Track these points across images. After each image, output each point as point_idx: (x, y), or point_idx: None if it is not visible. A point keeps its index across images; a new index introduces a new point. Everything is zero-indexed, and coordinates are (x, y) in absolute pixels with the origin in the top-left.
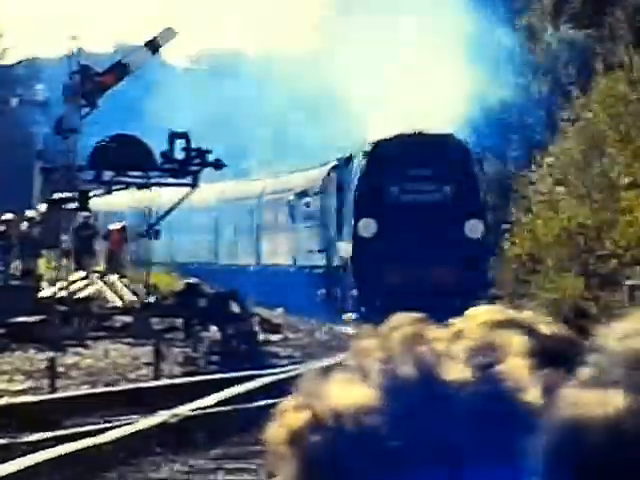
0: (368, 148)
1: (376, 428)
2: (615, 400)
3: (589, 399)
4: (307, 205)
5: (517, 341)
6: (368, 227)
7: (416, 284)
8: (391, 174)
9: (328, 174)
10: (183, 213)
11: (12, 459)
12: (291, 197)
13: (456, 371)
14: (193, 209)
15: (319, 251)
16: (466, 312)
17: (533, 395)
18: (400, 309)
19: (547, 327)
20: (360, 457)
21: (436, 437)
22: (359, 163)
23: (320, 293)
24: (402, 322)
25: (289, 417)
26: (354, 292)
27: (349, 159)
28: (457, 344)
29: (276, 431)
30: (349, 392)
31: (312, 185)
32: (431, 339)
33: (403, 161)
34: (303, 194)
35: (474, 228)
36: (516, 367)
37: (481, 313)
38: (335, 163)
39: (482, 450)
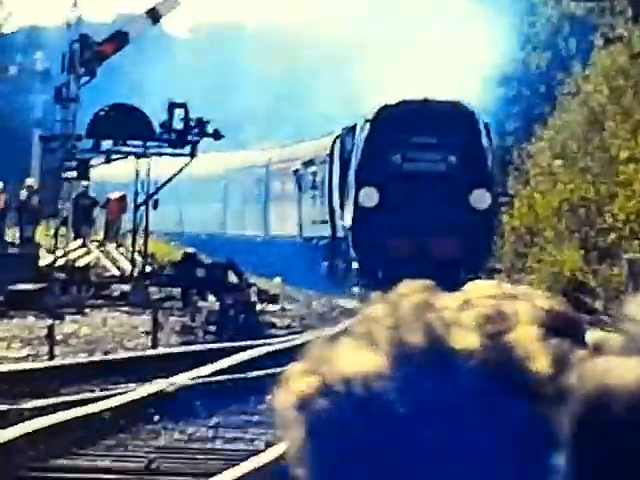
0: (371, 114)
1: (384, 394)
2: None
3: (622, 365)
4: (314, 174)
5: (525, 311)
6: (370, 196)
7: (419, 256)
8: (394, 141)
9: (334, 142)
10: (191, 183)
11: (11, 425)
12: (298, 166)
13: (465, 339)
14: (201, 179)
15: (322, 222)
16: (465, 286)
17: (542, 364)
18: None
19: (546, 302)
20: (367, 422)
21: (443, 404)
22: (362, 130)
23: (323, 265)
24: (411, 290)
25: (297, 382)
26: (355, 264)
27: (354, 128)
28: (466, 313)
29: (284, 396)
30: (358, 358)
31: (319, 154)
32: (440, 307)
33: (407, 128)
34: (310, 163)
35: (480, 198)
36: (525, 335)
37: (480, 287)
38: (342, 132)
39: (488, 418)
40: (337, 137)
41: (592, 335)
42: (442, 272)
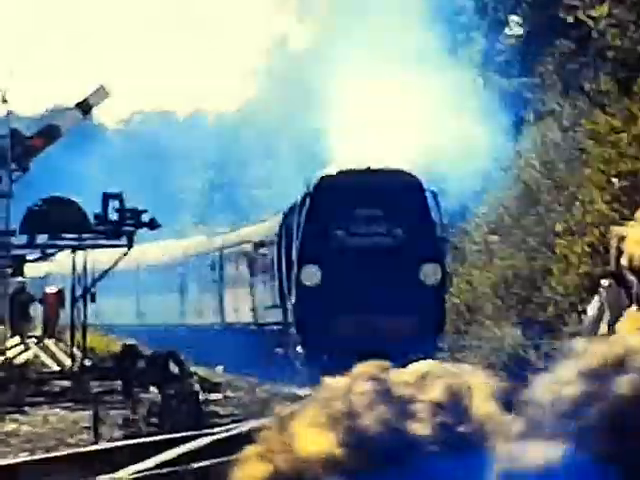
0: (311, 186)
1: (335, 476)
2: (547, 452)
3: (522, 452)
4: (264, 256)
5: (479, 388)
6: (311, 274)
7: (366, 336)
8: (337, 215)
9: (282, 221)
10: (149, 272)
11: None
12: (248, 248)
13: (418, 428)
14: (158, 268)
15: (274, 306)
16: (410, 366)
17: (502, 439)
18: (348, 366)
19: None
20: None
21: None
22: (303, 204)
23: (277, 351)
24: (364, 371)
25: (250, 468)
26: (299, 348)
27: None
28: (420, 401)
29: None
30: (312, 444)
31: (268, 234)
32: (395, 393)
33: (350, 200)
34: (260, 245)
35: (430, 273)
36: (482, 412)
37: (425, 367)
38: (289, 209)
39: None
40: (285, 215)
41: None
42: (391, 353)
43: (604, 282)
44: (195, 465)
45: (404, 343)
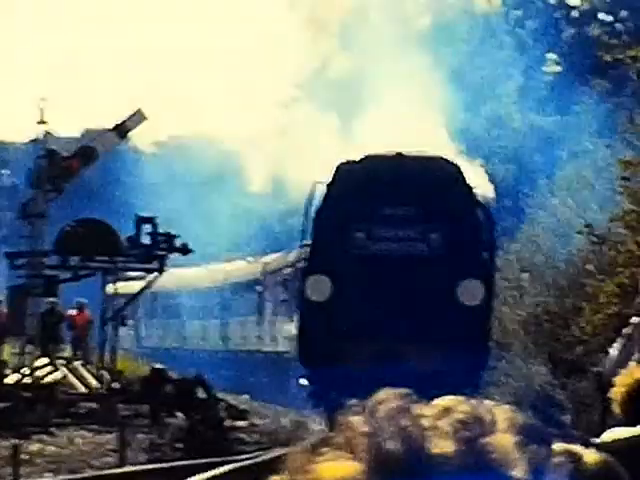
0: (329, 178)
1: None
2: None
3: None
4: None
5: (502, 417)
6: (319, 287)
7: (385, 370)
8: (356, 213)
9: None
10: (190, 296)
11: None
12: (288, 273)
13: (442, 445)
14: (201, 291)
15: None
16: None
17: (521, 470)
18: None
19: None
20: None
21: None
22: (319, 198)
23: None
24: (388, 396)
25: None
26: (303, 381)
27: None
28: (443, 420)
29: None
30: (336, 468)
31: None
32: (417, 414)
33: (375, 194)
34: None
35: (471, 291)
36: (503, 442)
37: (454, 399)
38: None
39: None
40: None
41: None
42: (417, 390)
43: (634, 319)
44: None
45: (434, 378)
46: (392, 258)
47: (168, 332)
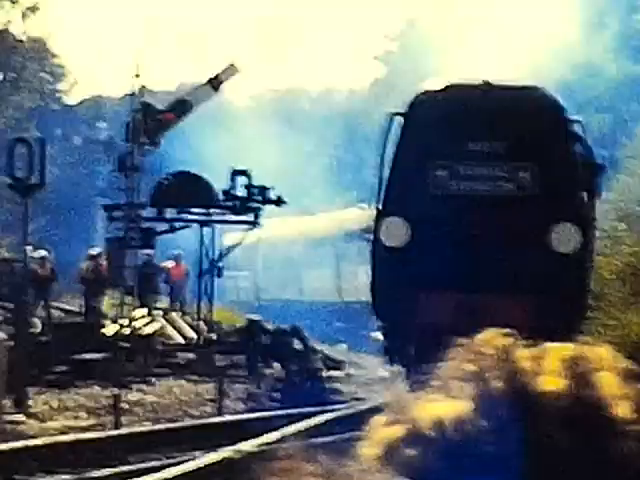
0: (406, 107)
1: (475, 438)
2: None
3: None
4: None
5: (607, 356)
6: (395, 231)
7: (469, 323)
8: (438, 148)
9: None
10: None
11: None
12: None
13: (551, 382)
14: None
15: None
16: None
17: (624, 409)
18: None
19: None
20: (458, 465)
21: (534, 445)
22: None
23: None
24: (492, 336)
25: (384, 432)
26: (376, 334)
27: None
28: (548, 359)
29: (369, 447)
30: (445, 405)
31: None
32: (521, 354)
33: (459, 128)
34: None
35: (566, 237)
36: (608, 380)
37: (554, 344)
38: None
39: (577, 457)
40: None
41: None
42: None
43: None
44: (318, 440)
45: (522, 335)
46: (477, 199)
47: (285, 283)
